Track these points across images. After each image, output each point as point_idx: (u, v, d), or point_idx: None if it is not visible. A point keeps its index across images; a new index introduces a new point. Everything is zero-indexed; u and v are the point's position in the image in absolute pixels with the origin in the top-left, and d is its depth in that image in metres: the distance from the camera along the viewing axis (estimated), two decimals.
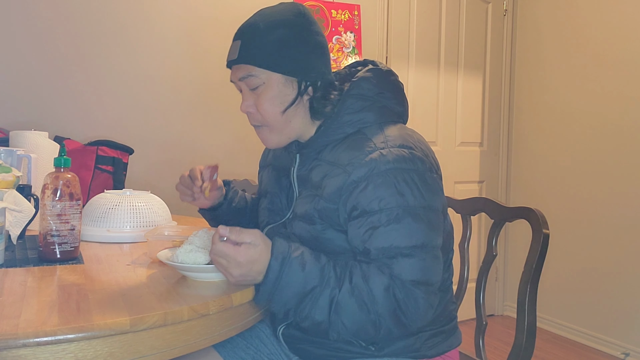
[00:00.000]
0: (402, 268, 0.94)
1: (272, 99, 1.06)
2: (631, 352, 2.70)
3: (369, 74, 1.09)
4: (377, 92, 1.08)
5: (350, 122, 1.06)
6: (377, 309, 0.92)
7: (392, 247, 0.94)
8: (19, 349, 0.70)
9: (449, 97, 3.21)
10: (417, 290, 0.94)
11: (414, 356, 1.06)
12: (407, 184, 0.97)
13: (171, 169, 2.41)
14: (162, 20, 2.38)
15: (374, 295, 0.92)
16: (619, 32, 2.79)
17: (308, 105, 1.08)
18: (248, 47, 1.05)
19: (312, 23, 1.08)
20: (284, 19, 1.05)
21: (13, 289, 0.90)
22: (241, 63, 1.07)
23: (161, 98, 2.39)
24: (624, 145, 2.77)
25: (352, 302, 0.92)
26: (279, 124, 1.08)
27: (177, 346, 0.83)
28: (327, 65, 1.09)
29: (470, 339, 1.61)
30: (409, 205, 0.96)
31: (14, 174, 1.22)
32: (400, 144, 1.01)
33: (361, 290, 0.92)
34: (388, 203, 0.96)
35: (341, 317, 0.92)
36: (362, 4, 2.84)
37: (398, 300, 0.93)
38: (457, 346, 1.15)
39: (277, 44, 1.03)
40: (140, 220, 1.39)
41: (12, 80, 2.10)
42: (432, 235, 0.98)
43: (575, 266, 3.01)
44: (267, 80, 1.05)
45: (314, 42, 1.07)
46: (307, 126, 1.11)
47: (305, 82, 1.06)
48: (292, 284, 0.91)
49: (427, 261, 0.96)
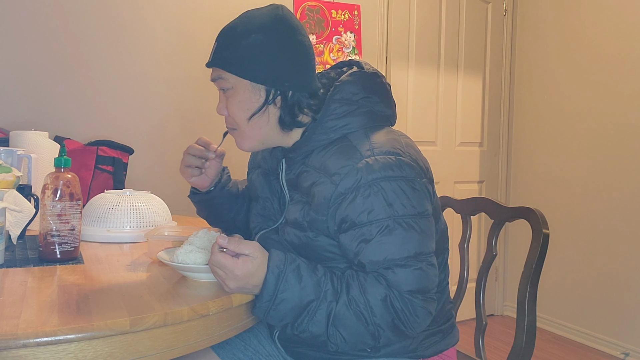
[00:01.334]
0: (398, 278, 0.93)
1: (239, 103, 1.04)
2: (631, 352, 2.70)
3: (352, 78, 1.06)
4: (363, 96, 1.05)
5: (334, 128, 1.03)
6: (376, 320, 0.92)
7: (387, 259, 0.94)
8: (19, 349, 0.70)
9: (449, 97, 3.21)
10: (415, 300, 0.94)
11: (411, 356, 1.06)
12: (396, 194, 0.95)
13: (171, 169, 2.41)
14: (162, 21, 2.38)
15: (372, 307, 0.92)
16: (619, 32, 2.79)
17: (277, 114, 1.05)
18: (221, 50, 1.04)
19: (292, 29, 1.03)
20: (262, 23, 1.02)
21: (13, 289, 0.90)
22: (212, 66, 1.06)
23: (161, 98, 2.39)
24: (624, 145, 2.77)
25: (350, 314, 0.92)
26: (247, 129, 1.06)
27: (177, 346, 0.83)
28: (305, 74, 1.04)
29: (470, 339, 1.61)
30: (398, 215, 0.95)
31: (14, 174, 1.22)
32: (387, 151, 0.98)
33: (359, 303, 0.92)
34: (377, 214, 0.95)
35: (339, 330, 0.92)
36: (362, 4, 2.84)
37: (396, 310, 0.93)
38: (454, 345, 1.15)
39: (248, 50, 1.00)
40: (140, 220, 1.38)
41: (12, 80, 2.10)
42: (425, 243, 0.97)
43: (575, 266, 3.01)
44: (235, 84, 1.03)
45: (291, 50, 1.02)
46: (281, 134, 1.07)
47: (274, 91, 1.03)
48: (288, 299, 0.91)
49: (422, 270, 0.95)
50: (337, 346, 0.94)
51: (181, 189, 2.35)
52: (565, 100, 3.07)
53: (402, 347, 1.05)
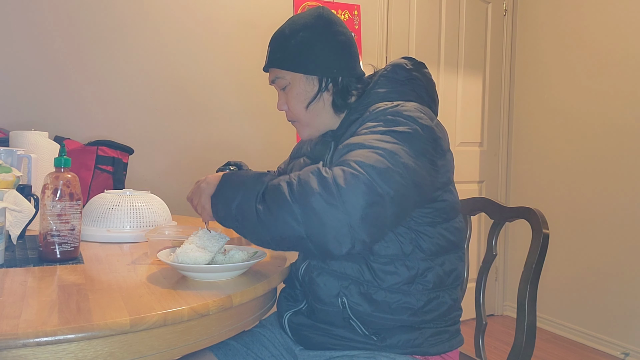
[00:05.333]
0: (356, 154, 0.93)
1: (297, 96, 1.16)
2: (631, 352, 2.70)
3: (404, 61, 1.17)
4: (409, 77, 1.14)
5: (378, 99, 1.11)
6: (301, 176, 0.92)
7: (359, 144, 0.97)
8: (19, 349, 0.70)
9: (449, 97, 3.21)
10: (360, 170, 0.89)
11: (416, 352, 1.07)
12: (399, 129, 0.99)
13: (171, 169, 2.41)
14: (162, 20, 2.38)
15: (308, 175, 0.91)
16: (619, 32, 2.79)
17: (331, 99, 1.16)
18: (274, 52, 1.17)
19: (332, 23, 1.16)
20: (305, 22, 1.15)
21: (13, 289, 0.90)
22: (270, 67, 1.19)
23: (161, 98, 2.39)
24: (624, 145, 2.77)
25: (282, 184, 0.92)
26: (306, 118, 1.18)
27: (177, 346, 0.83)
28: (349, 60, 1.16)
29: (470, 339, 1.61)
30: (391, 133, 0.98)
31: (14, 174, 1.22)
32: (417, 108, 1.05)
33: (292, 177, 0.94)
34: (376, 128, 1.00)
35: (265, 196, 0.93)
36: (362, 4, 2.84)
37: (329, 172, 0.90)
38: (458, 348, 1.15)
39: (298, 46, 1.14)
40: (140, 220, 1.38)
41: (12, 80, 2.10)
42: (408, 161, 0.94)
43: (575, 266, 3.01)
44: (291, 80, 1.16)
45: (335, 41, 1.15)
46: (334, 118, 1.18)
47: (325, 79, 1.15)
48: (235, 181, 0.98)
49: (389, 166, 0.91)
50: (263, 208, 0.92)
51: (181, 189, 2.35)
52: (565, 100, 3.07)
53: (408, 340, 1.06)
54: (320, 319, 1.09)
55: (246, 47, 2.55)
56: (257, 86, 2.57)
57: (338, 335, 1.08)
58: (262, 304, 1.06)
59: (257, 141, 2.61)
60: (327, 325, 1.09)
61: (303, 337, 1.13)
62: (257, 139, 2.61)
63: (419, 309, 1.05)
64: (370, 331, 1.05)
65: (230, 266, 1.00)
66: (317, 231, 0.88)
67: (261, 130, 2.62)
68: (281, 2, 2.63)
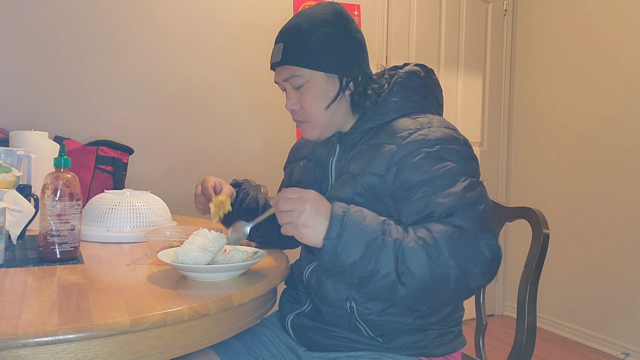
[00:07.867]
0: (461, 218, 0.93)
1: (316, 95, 1.10)
2: (631, 352, 2.70)
3: (417, 68, 1.15)
4: (423, 85, 1.14)
5: (395, 108, 1.10)
6: (444, 259, 0.90)
7: (452, 206, 0.95)
8: (19, 349, 0.70)
9: (449, 97, 3.21)
10: (479, 237, 0.94)
11: (421, 353, 1.07)
12: (459, 155, 1.01)
13: (171, 169, 2.41)
14: (162, 20, 2.38)
15: (440, 245, 0.90)
16: (619, 32, 2.79)
17: (349, 99, 1.13)
18: (291, 48, 1.09)
19: (350, 21, 1.13)
20: (325, 18, 1.09)
21: (13, 289, 0.90)
22: (284, 64, 1.10)
23: (161, 98, 2.39)
24: (624, 145, 2.77)
25: (419, 249, 0.89)
26: (322, 119, 1.12)
27: (177, 346, 0.83)
28: (366, 60, 1.15)
29: (471, 339, 1.61)
30: (459, 171, 0.99)
31: (14, 174, 1.22)
32: (445, 125, 1.06)
33: (427, 240, 0.90)
34: (439, 172, 0.98)
35: (409, 267, 0.89)
36: (362, 4, 2.84)
37: (464, 246, 0.92)
38: (461, 349, 1.16)
39: (319, 42, 1.08)
40: (140, 220, 1.38)
41: (12, 80, 2.10)
42: (483, 192, 0.99)
43: (575, 266, 3.01)
44: (310, 78, 1.09)
45: (353, 39, 1.12)
46: (349, 119, 1.15)
47: (346, 78, 1.11)
48: (356, 233, 0.89)
49: (484, 212, 0.96)
50: (406, 287, 0.90)
51: (181, 189, 2.35)
52: (566, 100, 3.07)
53: (413, 341, 1.06)
54: (326, 320, 1.09)
55: (247, 47, 2.55)
56: (257, 86, 2.57)
57: (343, 337, 1.07)
58: (262, 304, 1.06)
59: (258, 141, 2.61)
60: (332, 327, 1.08)
61: (307, 338, 1.12)
62: (258, 138, 2.61)
63: (424, 312, 1.06)
64: (376, 333, 1.05)
65: (230, 266, 1.00)
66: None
67: (262, 130, 2.62)
68: (281, 2, 2.63)
